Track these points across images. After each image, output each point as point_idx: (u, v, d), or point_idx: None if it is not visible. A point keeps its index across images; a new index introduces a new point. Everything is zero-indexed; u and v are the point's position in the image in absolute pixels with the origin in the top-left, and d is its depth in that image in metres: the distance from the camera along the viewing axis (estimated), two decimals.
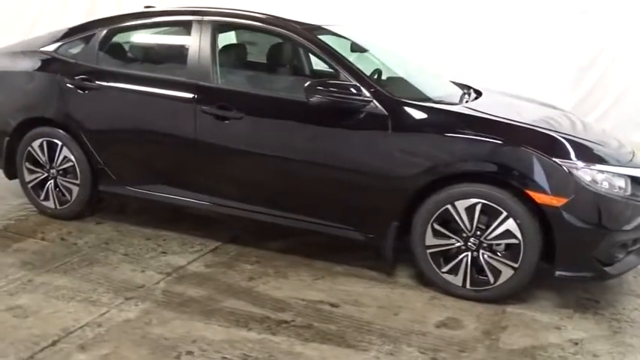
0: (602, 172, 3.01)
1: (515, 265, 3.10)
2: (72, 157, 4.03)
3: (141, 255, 3.70)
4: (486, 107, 3.43)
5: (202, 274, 3.46)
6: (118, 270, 3.48)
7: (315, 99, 3.21)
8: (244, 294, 3.24)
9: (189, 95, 3.62)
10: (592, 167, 3.01)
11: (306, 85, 3.23)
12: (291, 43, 3.75)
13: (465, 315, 3.10)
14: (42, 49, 4.18)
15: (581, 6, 6.19)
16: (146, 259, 3.65)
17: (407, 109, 3.27)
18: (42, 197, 4.20)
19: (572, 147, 3.07)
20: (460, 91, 3.87)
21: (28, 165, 4.19)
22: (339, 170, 3.33)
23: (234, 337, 2.80)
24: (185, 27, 3.81)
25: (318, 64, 4.04)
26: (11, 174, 4.36)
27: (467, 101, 3.61)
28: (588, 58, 6.32)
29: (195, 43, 3.69)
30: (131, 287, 3.27)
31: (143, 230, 4.08)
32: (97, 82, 3.88)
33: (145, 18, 4.03)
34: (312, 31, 3.58)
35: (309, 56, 4.21)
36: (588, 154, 3.09)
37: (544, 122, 3.44)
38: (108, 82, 3.87)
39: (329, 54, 3.44)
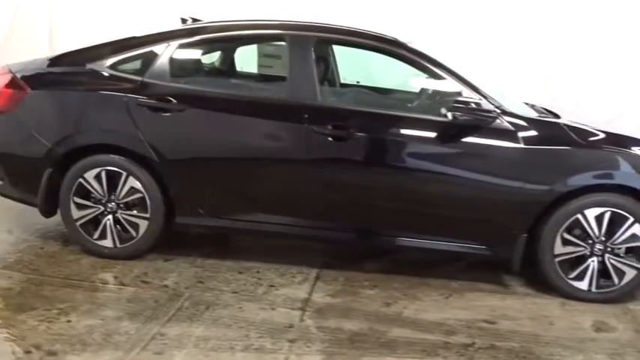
0: None
1: (638, 266, 3.38)
2: (141, 188, 3.55)
3: (252, 291, 3.39)
4: (586, 121, 3.67)
5: (336, 305, 3.27)
6: (245, 311, 3.15)
7: (460, 117, 3.21)
8: (400, 321, 3.13)
9: (299, 116, 3.39)
10: None
11: (451, 104, 3.21)
12: (398, 59, 3.63)
13: (605, 317, 3.31)
14: (89, 65, 3.62)
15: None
16: (260, 294, 3.36)
17: (530, 124, 3.40)
18: (96, 236, 3.65)
19: None
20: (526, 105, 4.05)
21: (77, 199, 3.61)
22: (469, 187, 3.36)
23: None
24: (277, 42, 3.57)
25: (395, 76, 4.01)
26: (50, 211, 3.73)
27: (560, 116, 3.82)
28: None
29: (295, 59, 3.47)
30: (281, 328, 2.99)
31: (224, 263, 3.72)
32: (180, 104, 3.47)
33: (223, 31, 3.68)
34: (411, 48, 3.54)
35: (409, 71, 4.10)
36: None
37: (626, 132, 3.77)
38: (194, 103, 3.48)
39: (447, 70, 3.45)
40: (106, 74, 3.59)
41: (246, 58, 4.70)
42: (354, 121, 3.40)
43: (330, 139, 3.36)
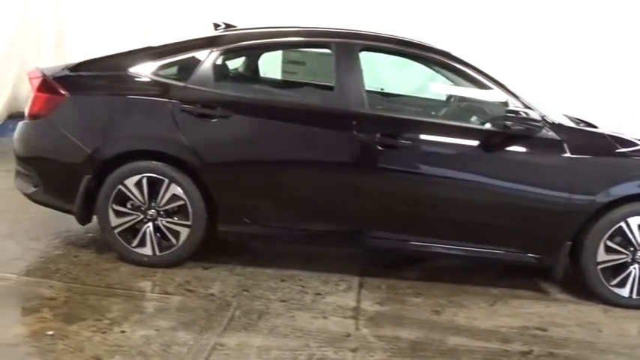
0: None
1: None
2: (183, 195, 3.49)
3: (299, 299, 3.36)
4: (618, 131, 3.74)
5: (387, 314, 3.26)
6: (298, 320, 3.12)
7: (512, 127, 3.24)
8: (454, 329, 3.14)
9: (346, 124, 3.38)
10: None
11: (503, 113, 3.24)
12: (445, 69, 3.65)
13: None
14: (131, 70, 3.56)
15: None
16: (309, 303, 3.33)
17: (573, 133, 3.45)
18: (135, 243, 3.57)
19: None
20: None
21: (115, 207, 3.54)
22: (517, 197, 3.39)
23: None
24: (320, 49, 3.56)
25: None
26: (87, 218, 3.65)
27: (597, 126, 3.88)
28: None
29: (342, 67, 3.46)
30: (339, 337, 2.97)
31: (265, 271, 3.68)
32: (226, 110, 3.43)
33: (267, 38, 3.66)
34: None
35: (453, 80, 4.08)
36: None
37: None
38: (239, 110, 3.44)
39: (493, 81, 3.48)
40: (148, 79, 3.53)
41: (268, 64, 4.70)
42: (402, 129, 3.40)
43: (379, 147, 3.36)
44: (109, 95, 3.53)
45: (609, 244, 3.42)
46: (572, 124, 3.54)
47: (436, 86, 3.88)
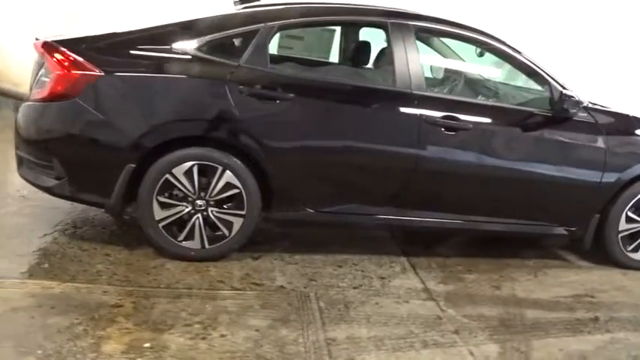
0: None
1: None
2: (238, 183, 3.26)
3: (369, 285, 3.33)
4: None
5: (456, 293, 3.35)
6: (384, 306, 3.09)
7: (571, 110, 3.43)
8: (523, 302, 3.32)
9: (412, 106, 3.37)
10: None
11: (566, 99, 3.41)
12: (495, 54, 3.69)
13: None
14: (175, 46, 3.20)
15: None
16: (380, 288, 3.32)
17: (604, 114, 3.75)
18: (182, 237, 3.29)
19: None
20: None
21: (160, 198, 3.22)
22: (559, 175, 3.62)
23: (594, 345, 2.95)
24: (376, 29, 3.47)
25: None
26: (122, 212, 3.28)
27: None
28: None
29: (400, 48, 3.41)
30: (433, 320, 3.00)
31: (315, 257, 3.59)
32: (286, 92, 3.23)
33: (322, 15, 3.47)
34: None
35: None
36: None
37: None
38: (300, 91, 3.27)
39: (536, 65, 3.64)
40: (197, 57, 3.20)
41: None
42: (463, 111, 3.45)
43: (442, 129, 3.39)
44: (153, 74, 3.15)
45: (630, 214, 3.80)
46: (599, 106, 3.82)
47: (488, 70, 3.98)
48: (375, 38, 3.80)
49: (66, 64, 3.08)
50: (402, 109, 3.38)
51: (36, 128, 3.22)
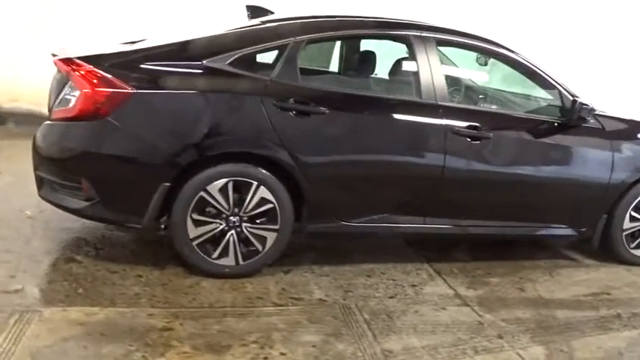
0: None
1: None
2: (272, 198, 3.25)
3: (403, 294, 3.39)
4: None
5: (486, 297, 3.45)
6: (425, 315, 3.16)
7: (587, 118, 3.60)
8: (550, 303, 3.45)
9: (438, 117, 3.45)
10: None
11: (582, 106, 3.56)
12: (510, 65, 3.80)
13: None
14: (207, 62, 3.16)
15: None
16: (413, 296, 3.38)
17: (609, 120, 3.94)
18: (216, 254, 3.25)
19: None
20: None
21: (195, 216, 3.17)
22: (571, 180, 3.79)
23: (626, 341, 3.11)
24: (399, 42, 3.53)
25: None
26: (156, 231, 3.21)
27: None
28: None
29: (424, 60, 3.49)
30: (476, 326, 3.09)
31: (343, 269, 3.61)
32: (320, 106, 3.25)
33: (346, 29, 3.49)
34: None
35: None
36: None
37: None
38: (333, 105, 3.28)
39: (546, 74, 3.80)
40: (229, 72, 3.17)
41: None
42: (485, 121, 3.57)
43: (468, 139, 3.49)
44: (186, 91, 3.09)
45: (633, 214, 4.02)
46: (604, 112, 4.02)
47: (500, 79, 4.12)
48: (386, 49, 3.86)
49: (95, 81, 2.99)
50: (429, 120, 3.45)
51: (62, 148, 3.11)
